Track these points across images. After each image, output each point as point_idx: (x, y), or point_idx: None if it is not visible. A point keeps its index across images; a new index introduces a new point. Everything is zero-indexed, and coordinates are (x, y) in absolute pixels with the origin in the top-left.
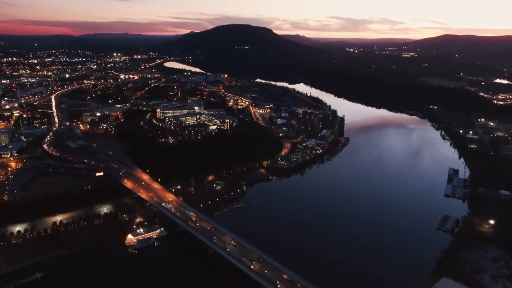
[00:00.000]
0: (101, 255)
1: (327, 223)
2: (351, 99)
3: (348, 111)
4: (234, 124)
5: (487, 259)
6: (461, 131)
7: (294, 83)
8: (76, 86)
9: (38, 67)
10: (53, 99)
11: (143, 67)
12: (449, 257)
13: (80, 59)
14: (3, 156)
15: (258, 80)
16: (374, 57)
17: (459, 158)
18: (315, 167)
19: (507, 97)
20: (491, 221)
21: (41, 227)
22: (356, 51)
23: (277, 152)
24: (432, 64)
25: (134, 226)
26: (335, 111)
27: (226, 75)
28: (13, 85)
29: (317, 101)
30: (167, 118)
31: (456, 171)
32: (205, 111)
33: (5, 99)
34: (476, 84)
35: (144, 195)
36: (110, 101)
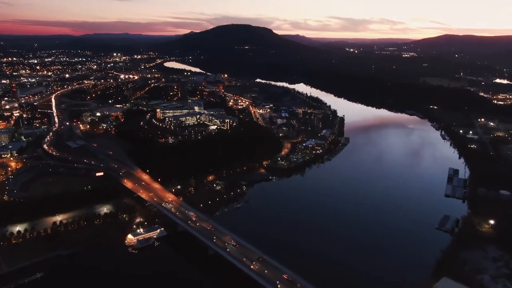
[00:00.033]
0: (101, 255)
1: (327, 223)
2: (351, 99)
3: (348, 111)
4: (234, 124)
5: (487, 259)
6: (461, 131)
7: (294, 83)
8: (76, 86)
9: (38, 67)
10: (53, 99)
11: (143, 67)
12: (449, 257)
13: (80, 59)
14: (3, 156)
15: (258, 80)
16: (374, 57)
17: (459, 158)
18: (315, 167)
19: (507, 97)
20: (491, 221)
21: (41, 227)
22: (356, 51)
23: (277, 152)
24: (432, 64)
25: (134, 226)
26: (335, 111)
27: (226, 75)
28: (13, 85)
29: (317, 101)
30: (167, 118)
31: (456, 171)
32: (205, 111)
33: (5, 99)
34: (476, 84)
35: (144, 195)
36: (110, 101)
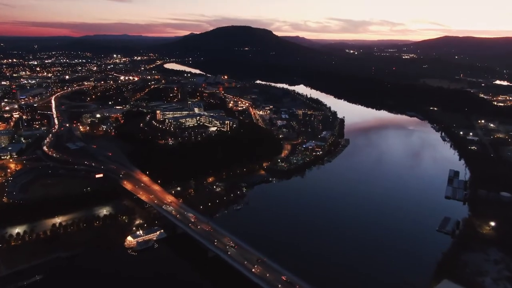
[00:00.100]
0: (100, 257)
1: (327, 224)
2: (351, 100)
3: (348, 112)
4: (234, 125)
5: (488, 261)
6: (461, 132)
7: (294, 85)
8: (76, 88)
9: (38, 68)
10: (53, 100)
11: (143, 68)
12: (449, 259)
13: (80, 60)
14: (2, 157)
15: (258, 81)
16: (374, 58)
17: (459, 160)
18: (315, 169)
19: (507, 98)
20: (492, 223)
21: (40, 229)
22: (356, 53)
23: (277, 154)
24: (432, 65)
25: (134, 228)
26: (335, 113)
27: (226, 77)
28: (13, 87)
29: (317, 102)
30: (167, 120)
31: (456, 173)
32: (205, 113)
33: (5, 100)
34: (476, 86)
35: (143, 197)
36: (110, 102)
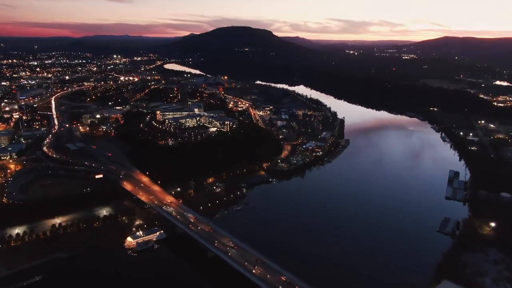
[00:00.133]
0: (100, 257)
1: (327, 225)
2: (351, 101)
3: (348, 113)
4: (234, 126)
5: (488, 262)
6: (461, 133)
7: (294, 85)
8: (76, 88)
9: (38, 69)
10: (53, 101)
11: (143, 69)
12: (450, 260)
13: (80, 61)
14: (2, 158)
15: (258, 82)
16: (374, 59)
17: (459, 160)
18: (315, 169)
19: (507, 99)
20: (492, 224)
21: (40, 229)
22: (356, 53)
23: (277, 154)
24: (432, 66)
25: (134, 229)
26: (335, 113)
27: (226, 77)
28: (13, 87)
29: (317, 103)
30: (167, 120)
31: (456, 173)
32: (205, 113)
33: (5, 101)
34: (476, 86)
35: (143, 198)
36: (110, 103)
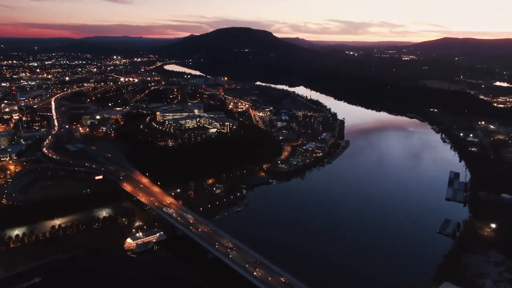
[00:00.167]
0: (100, 259)
1: (327, 226)
2: (351, 102)
3: (348, 114)
4: (234, 127)
5: (489, 264)
6: (461, 134)
7: (294, 86)
8: (76, 89)
9: (38, 70)
10: (52, 102)
11: (143, 70)
12: (450, 262)
13: (80, 62)
14: (2, 159)
15: (258, 83)
16: (374, 60)
17: (459, 161)
18: (315, 170)
19: (507, 100)
20: (493, 225)
21: (40, 231)
22: (356, 54)
23: (277, 155)
24: (431, 67)
25: (133, 230)
26: (335, 114)
27: (226, 78)
28: (13, 88)
29: (317, 104)
30: (166, 121)
31: (456, 174)
32: (205, 114)
33: (5, 102)
34: (476, 87)
35: (143, 199)
36: (110, 104)
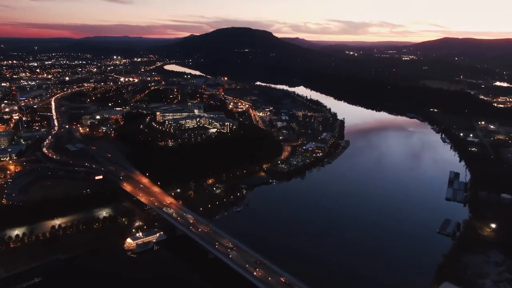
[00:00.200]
0: (100, 259)
1: (327, 226)
2: (351, 102)
3: (348, 114)
4: (234, 127)
5: (489, 264)
6: (461, 134)
7: (294, 86)
8: (76, 89)
9: (38, 70)
10: (52, 102)
11: (143, 70)
12: (450, 262)
13: (80, 62)
14: (2, 159)
15: (258, 83)
16: (374, 60)
17: (459, 161)
18: (315, 170)
19: (507, 100)
20: (493, 225)
21: (40, 231)
22: (356, 54)
23: (277, 155)
24: (432, 67)
25: (133, 230)
26: (335, 114)
27: (226, 78)
28: (13, 88)
29: (317, 104)
30: (166, 121)
31: (457, 174)
32: (205, 114)
33: (5, 102)
34: (476, 87)
35: (143, 199)
36: (110, 104)
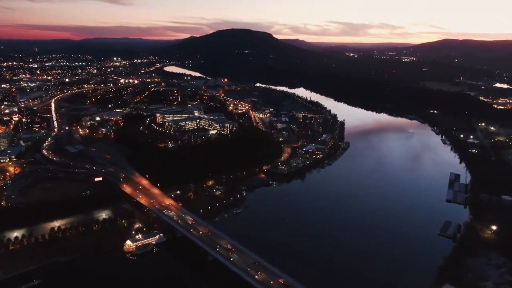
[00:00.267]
0: (99, 261)
1: (327, 228)
2: (351, 103)
3: (348, 115)
4: (234, 128)
5: (490, 266)
6: (461, 135)
7: (294, 88)
8: (76, 91)
9: (38, 71)
10: (52, 103)
11: (143, 71)
12: (451, 264)
13: (80, 63)
14: (1, 160)
15: (258, 84)
16: (374, 61)
17: (460, 163)
18: (315, 172)
19: (508, 101)
20: (494, 227)
21: (39, 233)
22: (355, 56)
23: (277, 157)
24: (431, 68)
25: (133, 232)
26: (335, 116)
27: (226, 80)
28: (13, 90)
29: (317, 105)
30: (166, 123)
31: (457, 176)
32: (205, 116)
33: (5, 103)
34: (476, 89)
35: (143, 201)
36: (110, 105)
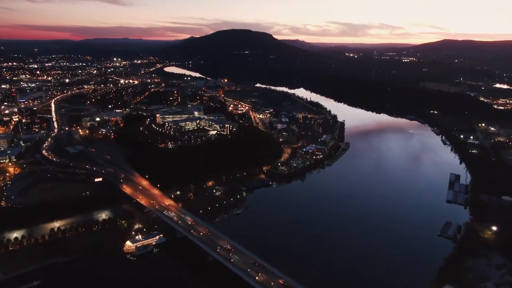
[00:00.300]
0: (99, 262)
1: (328, 228)
2: (351, 104)
3: (348, 116)
4: (234, 129)
5: (490, 267)
6: (461, 136)
7: (294, 88)
8: (76, 91)
9: (38, 72)
10: (52, 104)
11: (143, 72)
12: (451, 264)
13: (80, 64)
14: (1, 161)
15: (258, 85)
16: (374, 62)
17: (460, 163)
18: (315, 173)
19: (508, 102)
20: (494, 228)
21: (39, 233)
22: (355, 56)
23: (277, 158)
24: (431, 69)
25: (133, 233)
26: (335, 116)
27: (226, 80)
28: (12, 90)
29: (317, 106)
30: (166, 123)
31: (457, 177)
32: (205, 116)
33: (5, 104)
34: (476, 89)
35: (143, 201)
36: (110, 106)
